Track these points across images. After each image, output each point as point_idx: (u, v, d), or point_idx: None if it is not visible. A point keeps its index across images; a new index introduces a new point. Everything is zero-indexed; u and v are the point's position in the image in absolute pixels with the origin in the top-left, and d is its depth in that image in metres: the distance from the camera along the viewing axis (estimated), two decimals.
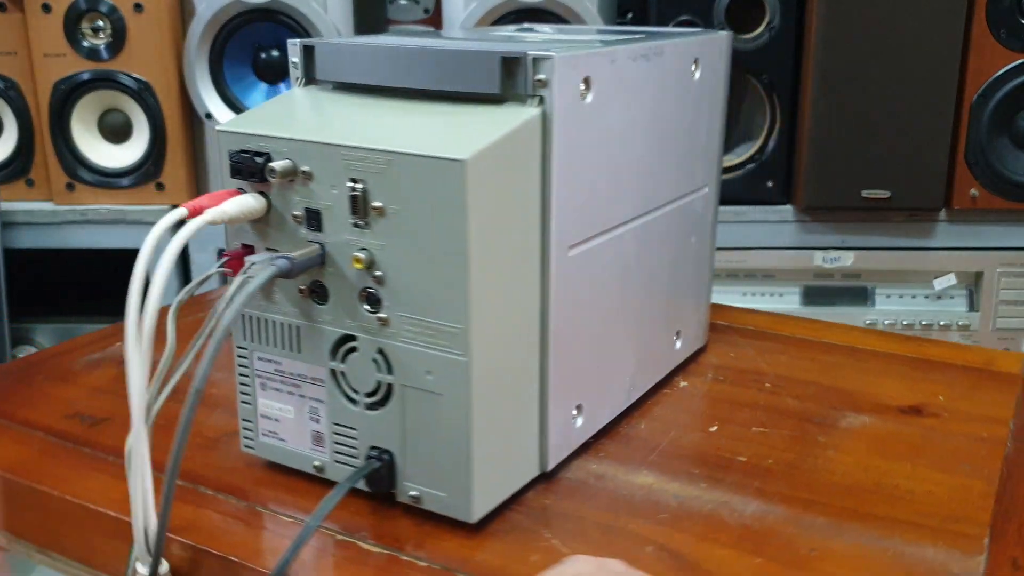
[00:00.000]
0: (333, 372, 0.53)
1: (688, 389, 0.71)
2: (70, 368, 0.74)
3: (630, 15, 1.56)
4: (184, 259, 1.57)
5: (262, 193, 0.51)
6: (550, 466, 0.57)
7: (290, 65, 0.56)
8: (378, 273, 0.49)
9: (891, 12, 1.40)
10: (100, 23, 1.49)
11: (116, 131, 1.56)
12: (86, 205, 1.56)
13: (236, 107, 1.53)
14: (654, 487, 0.58)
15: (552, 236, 0.52)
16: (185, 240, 0.44)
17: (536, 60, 0.49)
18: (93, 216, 1.55)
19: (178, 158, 1.54)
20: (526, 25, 0.76)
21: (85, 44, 1.50)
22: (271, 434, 0.56)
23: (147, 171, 1.55)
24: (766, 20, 1.46)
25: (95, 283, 1.63)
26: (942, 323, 1.55)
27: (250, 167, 0.50)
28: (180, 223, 0.47)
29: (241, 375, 0.56)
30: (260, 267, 0.48)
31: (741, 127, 1.58)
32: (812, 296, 1.56)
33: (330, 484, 0.53)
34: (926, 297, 1.56)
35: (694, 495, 0.57)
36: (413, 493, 0.52)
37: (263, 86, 1.55)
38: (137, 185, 1.55)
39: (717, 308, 0.86)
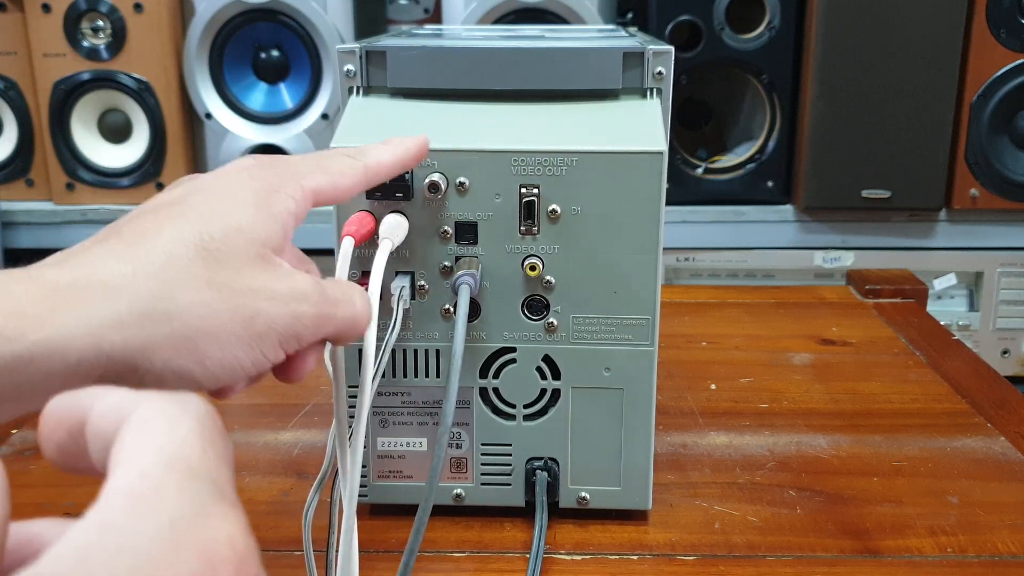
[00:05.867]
0: (483, 390, 0.51)
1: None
2: None
3: (630, 14, 1.56)
4: None
5: (399, 212, 0.48)
6: None
7: (341, 73, 0.50)
8: (548, 279, 0.48)
9: (891, 12, 1.40)
10: (100, 23, 1.49)
11: (116, 131, 1.56)
12: (86, 205, 1.56)
13: (236, 107, 1.53)
14: (733, 443, 0.62)
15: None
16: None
17: (656, 54, 0.49)
18: (93, 216, 1.55)
19: (178, 158, 1.54)
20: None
21: (85, 44, 1.50)
22: (392, 474, 0.53)
23: (147, 171, 1.55)
24: (766, 20, 1.46)
25: None
26: (942, 323, 1.55)
27: (397, 185, 0.46)
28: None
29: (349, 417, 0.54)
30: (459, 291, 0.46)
31: (741, 127, 1.58)
32: None
33: (476, 512, 0.53)
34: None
35: (780, 442, 0.62)
36: (582, 495, 0.52)
37: (263, 86, 1.55)
38: (137, 185, 1.55)
39: None
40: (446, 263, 0.49)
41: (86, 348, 0.30)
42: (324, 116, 1.51)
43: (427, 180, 0.47)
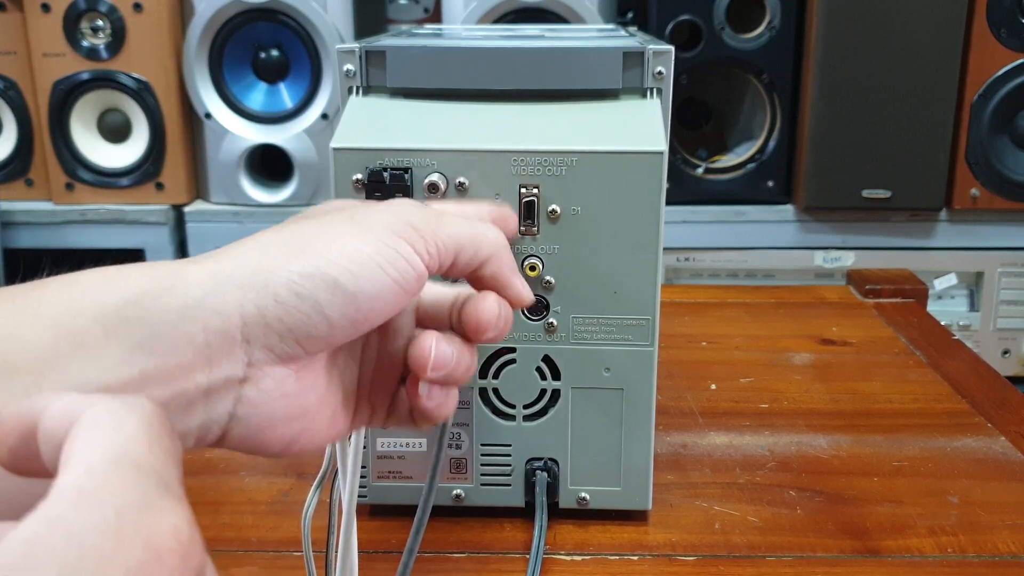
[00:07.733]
0: (483, 390, 0.51)
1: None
2: None
3: (630, 14, 1.56)
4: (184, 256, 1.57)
5: None
6: None
7: (341, 73, 0.50)
8: (548, 279, 0.48)
9: (891, 12, 1.40)
10: (99, 23, 1.49)
11: (115, 131, 1.56)
12: (86, 205, 1.56)
13: (236, 107, 1.53)
14: (733, 443, 0.62)
15: None
16: None
17: (656, 54, 0.49)
18: (93, 216, 1.55)
19: (177, 158, 1.54)
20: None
21: (84, 44, 1.50)
22: (391, 475, 0.53)
23: (146, 171, 1.55)
24: (766, 20, 1.46)
25: None
26: (942, 323, 1.55)
27: (397, 185, 0.46)
28: None
29: None
30: None
31: (741, 127, 1.58)
32: None
33: (476, 512, 0.53)
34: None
35: (780, 442, 0.62)
36: (582, 495, 0.52)
37: (263, 86, 1.55)
38: (136, 185, 1.55)
39: None
40: None
41: (206, 280, 0.31)
42: (324, 116, 1.51)
43: (427, 180, 0.47)
